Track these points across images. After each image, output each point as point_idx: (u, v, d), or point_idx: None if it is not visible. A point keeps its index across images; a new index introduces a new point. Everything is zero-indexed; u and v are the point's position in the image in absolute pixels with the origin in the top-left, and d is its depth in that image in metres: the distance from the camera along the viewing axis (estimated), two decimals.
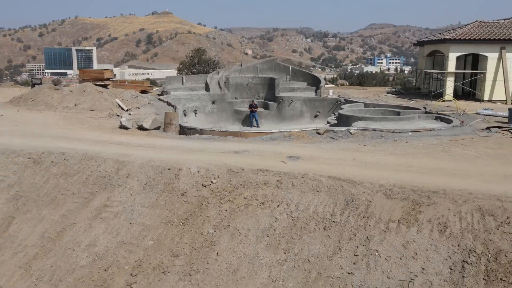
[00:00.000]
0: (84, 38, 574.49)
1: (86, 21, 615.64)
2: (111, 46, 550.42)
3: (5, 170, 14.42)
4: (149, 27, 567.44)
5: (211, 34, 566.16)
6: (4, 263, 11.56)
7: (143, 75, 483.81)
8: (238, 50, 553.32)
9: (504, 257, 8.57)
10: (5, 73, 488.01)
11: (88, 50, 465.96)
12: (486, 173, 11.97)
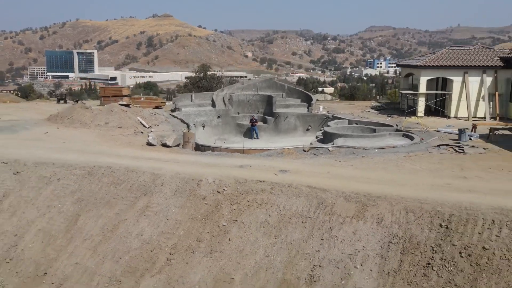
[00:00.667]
0: (85, 41, 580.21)
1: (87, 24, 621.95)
2: (112, 48, 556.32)
3: (68, 180, 19.30)
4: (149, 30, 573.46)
5: (211, 36, 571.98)
6: (78, 247, 16.43)
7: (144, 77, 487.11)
8: (238, 52, 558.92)
9: (415, 239, 13.43)
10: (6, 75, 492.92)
11: (89, 53, 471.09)
12: (419, 183, 16.84)
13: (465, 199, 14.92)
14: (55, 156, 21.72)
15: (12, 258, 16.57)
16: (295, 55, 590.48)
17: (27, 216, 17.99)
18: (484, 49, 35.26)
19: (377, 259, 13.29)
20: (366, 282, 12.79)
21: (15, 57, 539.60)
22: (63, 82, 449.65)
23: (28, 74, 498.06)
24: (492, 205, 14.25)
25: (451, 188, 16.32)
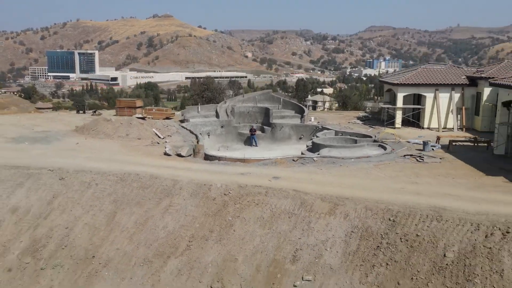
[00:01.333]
0: (85, 41, 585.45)
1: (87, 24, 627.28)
2: (112, 49, 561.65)
3: (104, 185, 24.34)
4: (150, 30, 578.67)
5: (211, 37, 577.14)
6: (117, 237, 21.46)
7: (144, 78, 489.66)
8: (238, 53, 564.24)
9: (370, 229, 18.47)
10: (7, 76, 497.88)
11: (90, 53, 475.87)
12: (379, 188, 21.89)
13: (411, 199, 20.01)
14: (90, 164, 26.80)
15: (66, 245, 21.61)
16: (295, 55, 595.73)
17: (74, 213, 23.04)
18: (454, 68, 40.37)
19: (342, 244, 18.35)
20: (333, 260, 17.84)
21: (16, 58, 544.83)
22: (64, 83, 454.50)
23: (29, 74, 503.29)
24: (429, 204, 19.35)
25: (403, 191, 21.39)
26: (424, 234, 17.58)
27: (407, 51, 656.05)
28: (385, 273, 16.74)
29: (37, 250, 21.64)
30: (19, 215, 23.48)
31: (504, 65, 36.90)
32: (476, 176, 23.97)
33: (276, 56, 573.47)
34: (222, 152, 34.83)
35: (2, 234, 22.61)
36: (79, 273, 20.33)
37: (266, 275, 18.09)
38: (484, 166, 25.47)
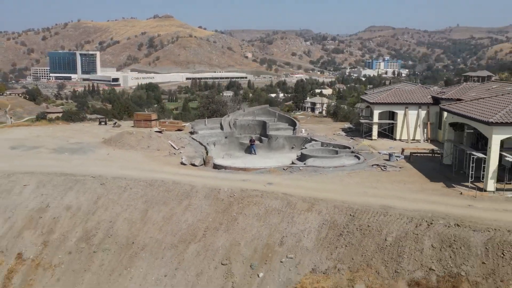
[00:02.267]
0: (86, 42, 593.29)
1: (88, 25, 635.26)
2: (113, 49, 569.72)
3: (136, 189, 31.69)
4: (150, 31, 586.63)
5: (211, 37, 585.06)
6: (149, 228, 28.80)
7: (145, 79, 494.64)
8: (238, 53, 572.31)
9: (335, 222, 25.85)
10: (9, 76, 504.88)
11: (92, 54, 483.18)
12: (347, 192, 29.26)
13: (368, 200, 27.37)
14: (123, 172, 34.20)
15: (111, 235, 28.97)
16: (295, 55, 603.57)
17: (115, 211, 30.40)
18: (422, 89, 47.81)
19: (315, 232, 25.71)
20: (309, 243, 25.18)
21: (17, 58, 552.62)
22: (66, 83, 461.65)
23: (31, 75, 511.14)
24: (381, 204, 26.72)
25: (364, 194, 28.77)
26: (373, 225, 24.96)
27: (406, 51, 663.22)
28: (344, 252, 24.12)
29: (89, 238, 29.03)
30: (72, 212, 30.86)
31: (462, 88, 44.28)
32: (423, 182, 31.39)
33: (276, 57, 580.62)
34: (227, 160, 42.16)
35: (61, 226, 30.00)
36: (123, 255, 27.70)
37: (261, 255, 25.45)
38: (432, 174, 32.88)
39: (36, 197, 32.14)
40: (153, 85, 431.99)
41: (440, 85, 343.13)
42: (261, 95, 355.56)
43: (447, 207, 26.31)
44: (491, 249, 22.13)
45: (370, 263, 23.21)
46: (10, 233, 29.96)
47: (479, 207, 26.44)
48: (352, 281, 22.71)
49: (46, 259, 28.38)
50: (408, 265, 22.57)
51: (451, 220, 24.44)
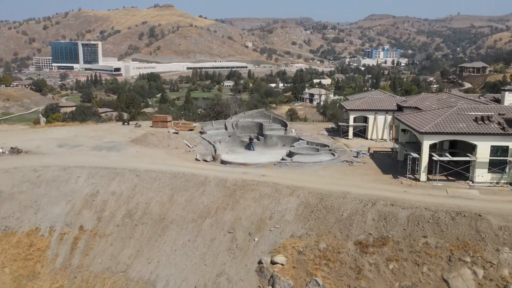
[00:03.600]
0: (87, 31, 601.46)
1: (89, 14, 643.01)
2: (114, 39, 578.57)
3: (164, 179, 42.85)
4: (151, 20, 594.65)
5: (212, 26, 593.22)
6: (175, 208, 40.00)
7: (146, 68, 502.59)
8: (239, 42, 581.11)
9: (308, 203, 37.03)
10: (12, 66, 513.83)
11: (94, 44, 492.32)
12: (320, 182, 40.41)
13: (334, 188, 38.52)
14: (152, 166, 45.36)
15: (147, 213, 40.17)
16: (295, 44, 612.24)
17: (149, 196, 41.56)
18: (390, 97, 58.75)
19: (294, 210, 36.89)
20: (289, 218, 36.37)
21: (19, 47, 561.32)
22: (69, 73, 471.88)
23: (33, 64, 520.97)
24: (342, 190, 37.89)
25: (332, 184, 39.91)
26: (334, 205, 36.12)
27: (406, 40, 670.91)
28: (313, 223, 35.30)
29: (131, 215, 40.24)
30: (117, 196, 42.05)
31: (421, 97, 55.20)
32: (377, 174, 42.56)
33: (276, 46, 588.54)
34: (231, 155, 53.17)
35: (109, 207, 41.17)
36: (157, 227, 38.93)
37: (256, 226, 36.64)
38: (386, 168, 44.02)
39: (88, 185, 43.32)
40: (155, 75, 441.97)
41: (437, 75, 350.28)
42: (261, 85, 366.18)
43: (389, 192, 37.49)
44: (411, 220, 33.32)
45: (330, 230, 34.41)
46: (72, 212, 41.22)
47: (411, 192, 37.63)
48: (317, 242, 33.95)
49: (100, 230, 39.65)
50: (355, 231, 33.77)
51: (389, 201, 35.60)
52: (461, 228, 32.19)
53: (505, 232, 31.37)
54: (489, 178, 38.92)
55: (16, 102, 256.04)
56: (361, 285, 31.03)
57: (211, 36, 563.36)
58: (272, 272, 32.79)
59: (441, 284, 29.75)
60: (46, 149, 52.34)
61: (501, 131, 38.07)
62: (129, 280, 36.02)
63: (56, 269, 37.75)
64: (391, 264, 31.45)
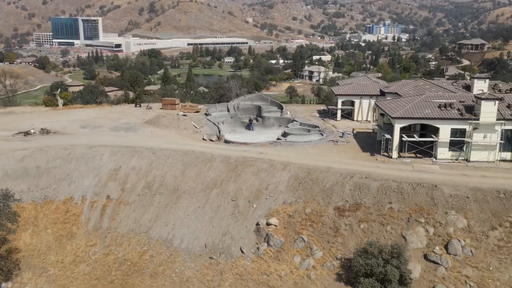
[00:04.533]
0: (87, 6, 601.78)
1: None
2: (114, 14, 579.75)
3: (177, 156, 50.78)
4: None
5: (212, 2, 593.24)
6: (187, 181, 48.05)
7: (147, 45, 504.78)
8: (239, 18, 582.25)
9: (298, 176, 45.02)
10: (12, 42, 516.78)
11: (94, 20, 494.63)
12: (308, 158, 48.30)
13: (319, 164, 46.47)
14: (165, 145, 53.25)
15: (163, 184, 48.23)
16: (295, 20, 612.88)
17: (165, 170, 49.55)
18: (374, 83, 66.11)
19: (286, 182, 44.91)
20: (282, 188, 44.40)
21: (19, 23, 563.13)
22: (70, 49, 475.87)
23: (34, 40, 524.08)
24: (326, 166, 45.86)
25: (318, 160, 47.83)
26: (319, 178, 44.10)
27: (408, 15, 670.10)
28: (301, 193, 43.35)
29: (150, 186, 48.31)
30: (136, 171, 50.03)
31: (401, 83, 62.61)
32: (357, 152, 50.44)
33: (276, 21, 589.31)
34: (233, 135, 60.89)
35: (130, 179, 49.23)
36: (172, 196, 47.05)
37: (254, 195, 44.71)
38: (365, 147, 51.86)
39: (112, 161, 51.25)
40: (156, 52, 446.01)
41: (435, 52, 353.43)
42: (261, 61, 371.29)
43: (365, 167, 45.42)
44: (380, 190, 41.35)
45: (315, 198, 42.47)
46: (99, 184, 49.25)
47: (383, 167, 45.56)
48: (304, 207, 42.05)
49: (124, 199, 47.76)
50: (335, 199, 41.82)
51: (364, 175, 43.55)
52: (419, 196, 40.25)
53: (454, 199, 39.43)
54: (449, 155, 46.77)
55: (20, 79, 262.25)
56: (338, 241, 39.27)
57: (212, 11, 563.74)
58: (267, 232, 41.02)
59: (400, 239, 37.92)
60: (71, 129, 60.15)
61: (460, 116, 45.73)
62: (151, 239, 44.29)
63: (89, 231, 46.01)
64: (362, 225, 39.62)
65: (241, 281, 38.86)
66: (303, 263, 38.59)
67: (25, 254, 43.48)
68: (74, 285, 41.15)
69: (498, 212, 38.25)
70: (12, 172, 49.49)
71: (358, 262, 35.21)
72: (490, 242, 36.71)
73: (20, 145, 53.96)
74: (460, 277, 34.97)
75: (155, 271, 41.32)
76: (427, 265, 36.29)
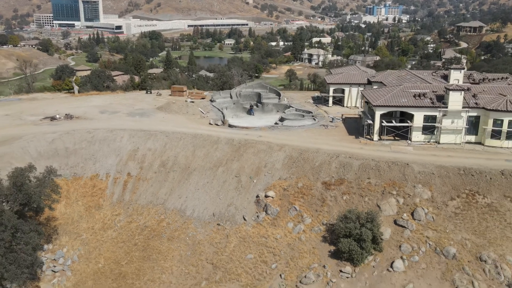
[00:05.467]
0: None
1: None
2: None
3: (187, 139, 58.81)
4: None
5: None
6: (197, 160, 56.17)
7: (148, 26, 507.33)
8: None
9: (292, 156, 53.11)
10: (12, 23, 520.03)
11: (94, 1, 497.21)
12: (301, 140, 56.29)
13: (310, 145, 54.57)
14: (177, 129, 61.25)
15: (176, 163, 56.35)
16: (296, 0, 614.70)
17: (177, 151, 57.63)
18: (363, 73, 73.66)
19: (281, 161, 53.02)
20: (278, 166, 52.51)
21: (18, 3, 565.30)
22: (70, 31, 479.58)
23: (34, 21, 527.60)
24: (316, 147, 53.96)
25: (310, 142, 55.86)
26: (310, 157, 52.19)
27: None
28: (294, 170, 51.49)
29: (165, 165, 56.45)
30: (152, 151, 58.12)
31: (386, 73, 70.18)
32: (344, 135, 58.44)
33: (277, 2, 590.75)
34: (235, 119, 68.70)
35: (147, 159, 57.35)
36: (184, 173, 55.23)
37: (255, 172, 52.84)
38: (352, 131, 59.81)
39: (130, 143, 59.27)
40: (156, 33, 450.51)
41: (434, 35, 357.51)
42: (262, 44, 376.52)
43: (349, 149, 53.44)
44: (360, 167, 49.45)
45: (306, 175, 50.59)
46: (121, 163, 57.34)
47: (365, 149, 53.57)
48: (296, 182, 50.20)
49: (143, 176, 55.92)
50: (323, 175, 49.96)
51: (348, 155, 51.61)
52: (393, 172, 48.36)
53: (422, 175, 47.53)
54: (422, 138, 54.76)
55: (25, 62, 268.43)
56: (324, 210, 47.52)
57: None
58: (266, 203, 49.24)
59: (375, 208, 46.09)
60: (92, 115, 68.06)
61: (431, 104, 53.56)
62: (166, 209, 52.57)
63: (113, 203, 54.28)
64: (344, 196, 47.80)
65: (244, 243, 47.19)
66: (295, 228, 46.88)
67: (61, 222, 51.81)
68: (104, 247, 49.61)
69: (457, 186, 46.40)
70: (45, 153, 57.50)
71: (340, 226, 43.43)
72: (449, 210, 44.94)
73: (49, 129, 61.87)
74: (422, 238, 43.26)
75: (172, 235, 49.70)
76: (396, 228, 44.56)
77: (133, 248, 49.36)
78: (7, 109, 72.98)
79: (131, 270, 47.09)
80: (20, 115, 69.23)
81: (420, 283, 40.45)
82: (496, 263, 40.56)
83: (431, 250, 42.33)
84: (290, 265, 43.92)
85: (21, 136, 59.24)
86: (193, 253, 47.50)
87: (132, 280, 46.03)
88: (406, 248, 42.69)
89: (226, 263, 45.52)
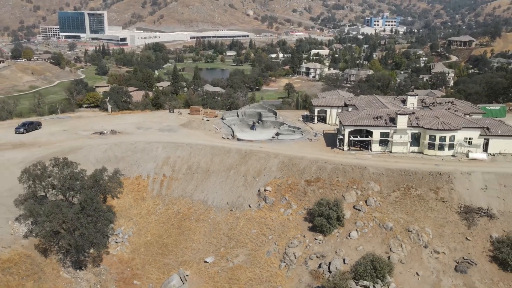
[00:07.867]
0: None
1: None
2: (118, 7, 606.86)
3: (207, 150, 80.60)
4: None
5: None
6: (215, 165, 77.89)
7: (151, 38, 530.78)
8: (240, 10, 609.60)
9: (283, 161, 74.87)
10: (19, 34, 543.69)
11: (100, 14, 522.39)
12: (291, 151, 78.08)
13: (296, 154, 76.42)
14: (198, 141, 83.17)
15: (199, 167, 78.01)
16: (295, 12, 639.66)
17: (199, 158, 79.38)
18: (341, 97, 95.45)
19: (276, 165, 74.71)
20: (274, 169, 74.17)
21: (24, 15, 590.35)
22: (76, 43, 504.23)
23: (41, 33, 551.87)
24: (301, 155, 75.75)
25: (297, 151, 77.64)
26: (297, 163, 73.91)
27: (407, 7, 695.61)
28: (285, 172, 73.18)
29: (190, 168, 78.24)
30: (181, 158, 79.91)
31: (359, 98, 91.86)
32: (323, 146, 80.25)
33: (277, 13, 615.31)
34: (242, 133, 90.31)
35: (177, 164, 79.12)
36: (205, 174, 77.00)
37: (257, 173, 74.51)
38: (329, 143, 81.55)
39: (164, 152, 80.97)
40: (160, 45, 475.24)
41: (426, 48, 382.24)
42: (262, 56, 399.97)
43: (326, 156, 75.14)
44: (332, 170, 71.19)
45: (293, 175, 72.23)
46: (157, 167, 79.01)
47: (337, 156, 75.25)
48: (287, 180, 71.86)
49: (175, 176, 77.56)
50: (305, 175, 71.62)
51: (324, 161, 73.33)
52: (355, 173, 69.97)
53: (374, 174, 69.14)
54: (380, 149, 76.50)
55: (39, 75, 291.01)
56: (305, 199, 69.06)
57: (213, 4, 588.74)
58: (265, 195, 70.77)
59: (341, 197, 67.52)
60: (131, 130, 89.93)
61: (385, 124, 75.33)
62: (193, 200, 74.11)
63: (154, 196, 75.84)
64: (320, 190, 69.35)
65: (249, 222, 68.66)
66: (285, 212, 68.35)
67: (118, 209, 73.29)
68: (150, 226, 71.15)
69: (399, 182, 67.98)
70: (101, 159, 79.15)
71: (315, 209, 64.87)
72: (391, 199, 66.46)
73: (101, 142, 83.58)
74: (371, 217, 64.74)
75: (198, 218, 71.23)
76: (354, 211, 66.02)
77: (170, 227, 70.84)
78: (63, 125, 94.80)
79: (170, 242, 68.54)
80: (74, 130, 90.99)
81: (368, 246, 61.88)
82: (418, 232, 62.07)
83: (376, 225, 63.83)
84: (281, 236, 65.38)
85: (82, 147, 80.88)
86: (213, 230, 68.96)
87: (172, 248, 67.46)
88: (360, 224, 64.17)
89: (237, 236, 66.98)
